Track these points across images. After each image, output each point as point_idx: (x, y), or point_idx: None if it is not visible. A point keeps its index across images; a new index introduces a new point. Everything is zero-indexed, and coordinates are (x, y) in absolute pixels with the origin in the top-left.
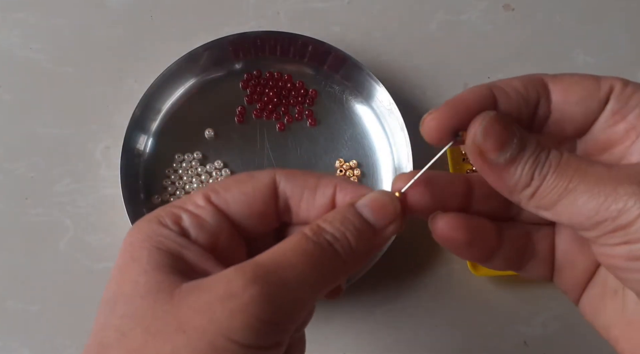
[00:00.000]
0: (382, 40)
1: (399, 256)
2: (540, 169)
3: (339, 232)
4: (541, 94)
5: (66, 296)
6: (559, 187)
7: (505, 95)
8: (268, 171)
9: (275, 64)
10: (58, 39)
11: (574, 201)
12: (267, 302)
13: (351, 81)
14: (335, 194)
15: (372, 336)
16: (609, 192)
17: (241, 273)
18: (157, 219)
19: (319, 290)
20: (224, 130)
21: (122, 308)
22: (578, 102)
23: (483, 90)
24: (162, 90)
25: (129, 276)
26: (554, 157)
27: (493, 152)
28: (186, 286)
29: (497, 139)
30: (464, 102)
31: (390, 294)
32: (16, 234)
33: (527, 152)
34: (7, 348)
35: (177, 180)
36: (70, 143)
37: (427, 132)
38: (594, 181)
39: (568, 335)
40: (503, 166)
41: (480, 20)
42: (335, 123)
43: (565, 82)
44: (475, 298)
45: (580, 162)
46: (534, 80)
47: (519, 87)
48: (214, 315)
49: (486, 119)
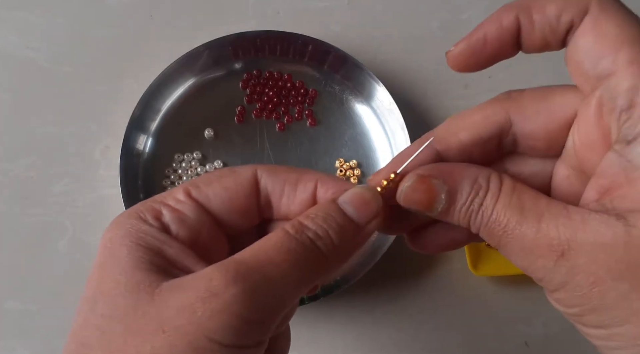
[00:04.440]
0: (382, 40)
1: (399, 256)
2: (474, 219)
3: (321, 229)
4: (500, 132)
5: (66, 296)
6: (493, 239)
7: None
8: (250, 166)
9: (275, 63)
10: (57, 38)
11: (508, 255)
12: (248, 301)
13: (351, 81)
14: (316, 190)
15: (372, 336)
16: (530, 261)
17: (223, 271)
18: (137, 214)
19: (301, 288)
20: (224, 130)
21: (102, 307)
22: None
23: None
24: (161, 89)
25: (109, 275)
26: (486, 206)
27: (424, 211)
28: (167, 284)
29: (420, 203)
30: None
31: (390, 295)
32: (15, 235)
33: (458, 203)
34: (7, 348)
35: (176, 180)
36: (69, 143)
37: (452, 67)
38: (518, 249)
39: (569, 335)
40: (441, 216)
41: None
42: (335, 123)
43: (530, 107)
44: (475, 298)
45: (510, 216)
46: (494, 116)
47: (477, 124)
48: (195, 315)
49: (404, 186)
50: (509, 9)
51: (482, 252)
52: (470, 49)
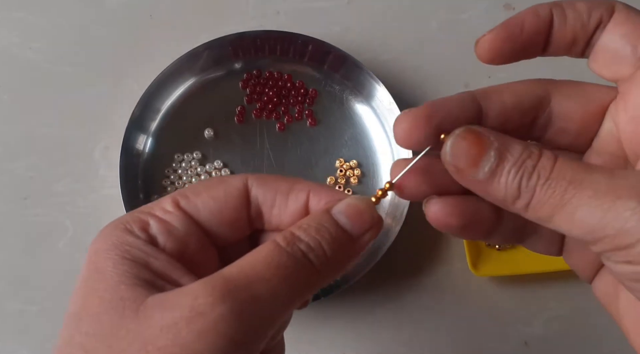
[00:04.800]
0: (382, 40)
1: (399, 256)
2: (527, 181)
3: (313, 241)
4: (540, 104)
5: (66, 296)
6: (552, 199)
7: (500, 103)
8: (240, 176)
9: (275, 63)
10: (57, 38)
11: (571, 215)
12: (236, 321)
13: (351, 81)
14: (308, 200)
15: (372, 336)
16: (607, 208)
17: (209, 288)
18: (124, 225)
19: (291, 305)
20: (224, 130)
21: (86, 324)
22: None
23: (466, 100)
24: (161, 89)
25: (94, 291)
26: (543, 165)
27: (468, 169)
28: (152, 300)
29: (467, 156)
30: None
31: (390, 294)
32: (15, 235)
33: (508, 163)
34: (6, 348)
35: (176, 180)
36: (69, 143)
37: (481, 54)
38: (591, 193)
39: (569, 335)
40: (485, 181)
41: (481, 19)
42: (335, 123)
43: (568, 89)
44: (475, 298)
45: (576, 169)
46: (535, 89)
47: (520, 91)
48: (179, 335)
49: (452, 136)
50: (543, 5)
51: (482, 252)
52: (507, 33)
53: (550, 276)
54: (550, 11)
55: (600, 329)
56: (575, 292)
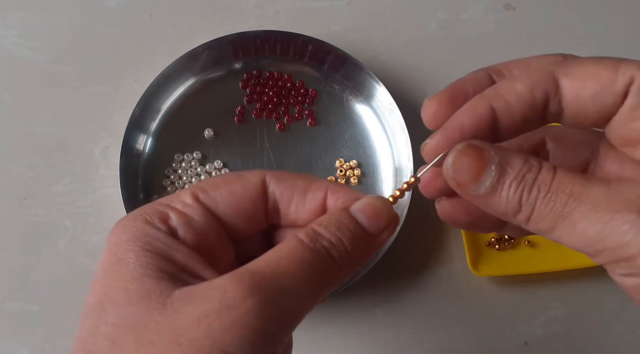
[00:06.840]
0: (382, 40)
1: (399, 256)
2: (527, 194)
3: (335, 237)
4: (551, 92)
5: (66, 296)
6: (553, 213)
7: (507, 108)
8: (257, 171)
9: (275, 63)
10: (57, 38)
11: (572, 228)
12: (265, 314)
13: (351, 81)
14: (326, 198)
15: (372, 336)
16: (606, 221)
17: (237, 282)
18: (143, 217)
19: (316, 298)
20: (224, 130)
21: (112, 315)
22: (592, 98)
23: (480, 107)
24: (161, 90)
25: (117, 282)
26: (543, 179)
27: (470, 184)
28: (179, 294)
29: (469, 171)
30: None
31: (391, 294)
32: (15, 235)
33: (509, 177)
34: (6, 348)
35: (176, 180)
36: (69, 143)
37: (426, 119)
38: (591, 206)
39: (569, 335)
40: (486, 196)
41: (481, 19)
42: (335, 123)
43: (578, 75)
44: (475, 298)
45: (575, 183)
46: (542, 79)
47: (523, 94)
48: (210, 328)
49: (454, 152)
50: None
51: (482, 252)
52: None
53: (550, 276)
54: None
55: (601, 329)
56: (575, 292)
